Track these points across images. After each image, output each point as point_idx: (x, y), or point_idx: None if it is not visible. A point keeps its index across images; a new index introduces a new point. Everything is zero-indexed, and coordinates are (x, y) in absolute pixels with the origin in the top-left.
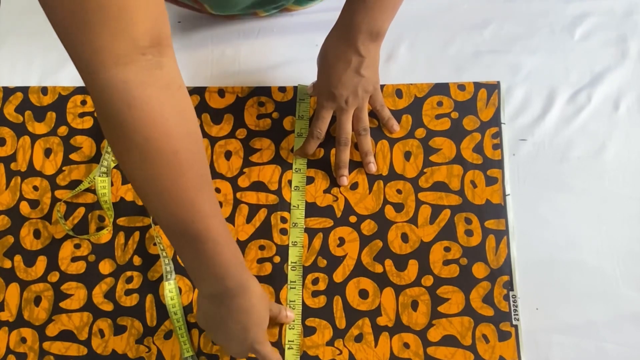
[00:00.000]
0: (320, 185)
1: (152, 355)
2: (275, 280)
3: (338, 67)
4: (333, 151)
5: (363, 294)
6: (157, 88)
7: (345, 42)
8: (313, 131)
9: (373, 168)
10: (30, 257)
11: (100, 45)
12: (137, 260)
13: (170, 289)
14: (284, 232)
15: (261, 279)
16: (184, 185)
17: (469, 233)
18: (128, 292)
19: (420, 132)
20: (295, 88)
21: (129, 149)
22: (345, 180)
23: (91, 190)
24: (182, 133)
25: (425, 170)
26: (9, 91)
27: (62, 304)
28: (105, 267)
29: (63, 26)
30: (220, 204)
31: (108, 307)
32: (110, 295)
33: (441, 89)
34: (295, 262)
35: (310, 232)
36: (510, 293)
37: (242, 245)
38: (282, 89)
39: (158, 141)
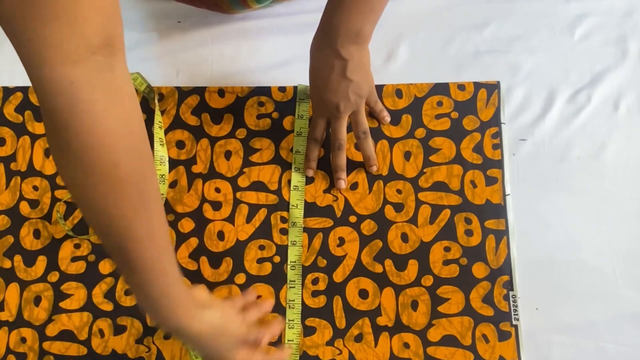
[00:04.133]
0: (320, 185)
1: (152, 355)
2: (275, 280)
3: (323, 72)
4: None
5: (363, 294)
6: (105, 92)
7: (326, 45)
8: (310, 137)
9: (375, 170)
10: (30, 257)
11: (49, 39)
12: None
13: None
14: (284, 232)
15: (261, 279)
16: (119, 203)
17: (468, 233)
18: (128, 292)
19: (420, 132)
20: (295, 88)
21: (65, 153)
22: (343, 184)
23: None
24: (125, 145)
25: (425, 170)
26: (9, 91)
27: (62, 304)
28: (105, 267)
29: (10, 15)
30: (220, 204)
31: (108, 307)
32: (110, 295)
33: (441, 89)
34: (295, 262)
35: (310, 232)
36: (510, 293)
37: (242, 245)
38: (282, 89)
39: (96, 150)
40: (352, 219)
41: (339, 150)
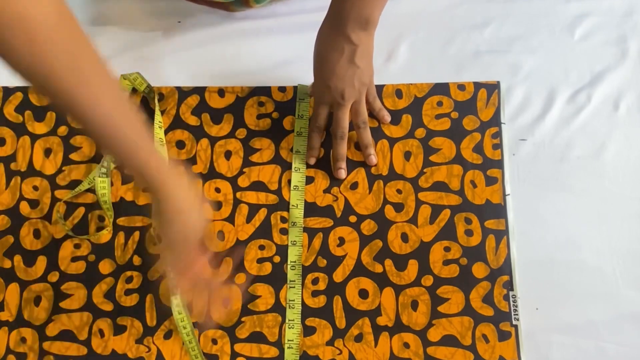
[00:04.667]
0: (320, 185)
1: (152, 355)
2: (275, 280)
3: (331, 57)
4: None
5: (363, 293)
6: None
7: (336, 31)
8: (313, 126)
9: (374, 160)
10: (30, 257)
11: None
12: (137, 260)
13: (177, 304)
14: (284, 231)
15: (261, 278)
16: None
17: (469, 233)
18: (128, 292)
19: (420, 132)
20: (295, 88)
21: None
22: (343, 173)
23: (91, 190)
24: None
25: (425, 170)
26: (9, 91)
27: (62, 304)
28: (105, 267)
29: None
30: (220, 203)
31: (108, 307)
32: (110, 295)
33: (441, 89)
34: (295, 262)
35: (310, 232)
36: (510, 293)
37: (242, 245)
38: (282, 89)
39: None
40: (352, 219)
41: (341, 140)
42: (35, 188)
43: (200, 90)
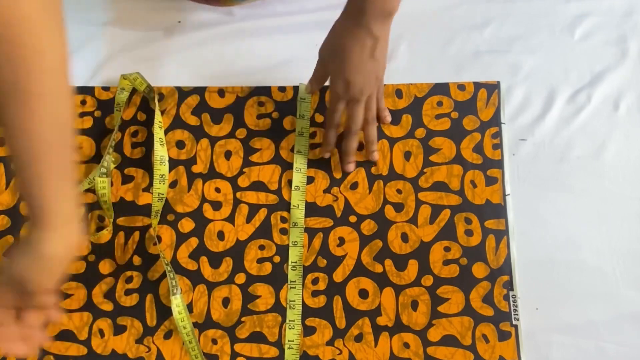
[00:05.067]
0: (320, 185)
1: (152, 355)
2: (275, 280)
3: (353, 51)
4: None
5: (363, 293)
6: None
7: (358, 24)
8: (330, 123)
9: (377, 156)
10: None
11: None
12: (137, 260)
13: (177, 304)
14: (284, 231)
15: (261, 278)
16: None
17: (469, 233)
18: (128, 292)
19: (420, 132)
20: (295, 88)
21: None
22: (352, 167)
23: (91, 190)
24: None
25: (425, 170)
26: None
27: (62, 304)
28: (105, 267)
29: None
30: (220, 204)
31: (108, 307)
32: (110, 295)
33: (441, 89)
34: (296, 262)
35: (310, 232)
36: (510, 293)
37: (242, 245)
38: (282, 89)
39: None
40: (352, 219)
41: (355, 135)
42: None
43: (200, 90)
